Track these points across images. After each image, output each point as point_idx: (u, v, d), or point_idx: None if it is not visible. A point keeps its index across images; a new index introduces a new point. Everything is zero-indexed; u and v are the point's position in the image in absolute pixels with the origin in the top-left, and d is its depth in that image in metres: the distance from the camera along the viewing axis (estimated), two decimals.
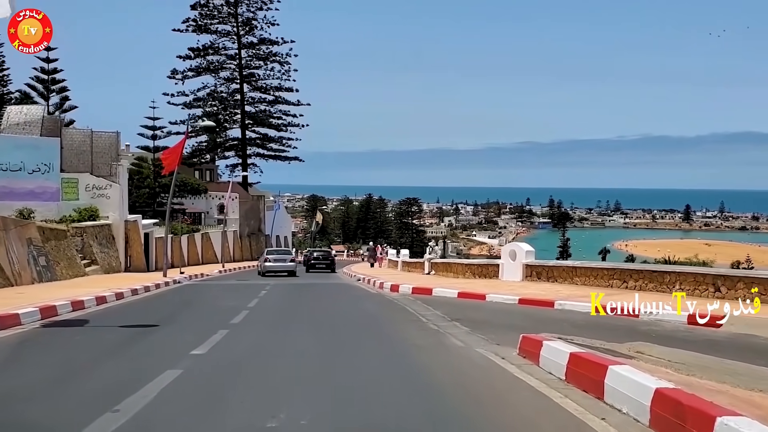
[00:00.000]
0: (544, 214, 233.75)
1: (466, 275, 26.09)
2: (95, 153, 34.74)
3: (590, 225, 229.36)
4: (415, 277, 29.91)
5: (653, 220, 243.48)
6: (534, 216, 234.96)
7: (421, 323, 14.02)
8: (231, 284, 28.41)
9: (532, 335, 9.71)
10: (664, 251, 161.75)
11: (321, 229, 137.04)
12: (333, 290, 24.18)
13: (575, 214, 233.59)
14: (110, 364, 8.80)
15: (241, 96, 68.95)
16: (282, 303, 18.78)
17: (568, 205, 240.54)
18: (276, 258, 36.56)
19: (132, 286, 22.30)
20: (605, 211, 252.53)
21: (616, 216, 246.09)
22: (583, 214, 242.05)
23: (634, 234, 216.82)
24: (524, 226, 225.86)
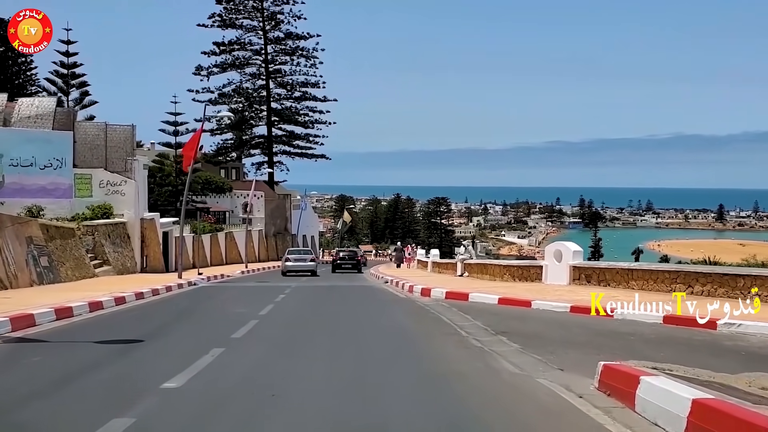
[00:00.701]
0: (574, 214, 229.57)
1: (504, 278, 23.54)
2: (110, 147, 32.74)
3: (622, 225, 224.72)
4: (447, 279, 27.43)
5: (686, 220, 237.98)
6: (564, 216, 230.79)
7: (460, 337, 11.59)
8: (249, 287, 26.16)
9: (618, 365, 7.20)
10: (698, 251, 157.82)
11: (349, 229, 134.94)
12: (358, 295, 21.76)
13: (606, 214, 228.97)
14: (36, 406, 6.36)
15: (267, 92, 66.84)
16: (299, 311, 16.38)
17: (598, 205, 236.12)
18: (296, 258, 35.70)
19: (140, 289, 20.18)
20: (637, 210, 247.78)
21: (648, 216, 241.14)
22: (615, 213, 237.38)
23: (667, 234, 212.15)
24: (554, 226, 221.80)
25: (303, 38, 65.86)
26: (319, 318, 14.61)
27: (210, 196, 57.69)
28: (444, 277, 29.35)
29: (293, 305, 17.64)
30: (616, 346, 11.03)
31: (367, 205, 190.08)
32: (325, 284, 27.67)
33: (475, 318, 14.09)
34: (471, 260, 29.28)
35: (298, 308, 16.92)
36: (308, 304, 18.40)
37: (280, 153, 68.50)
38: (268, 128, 67.17)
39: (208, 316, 15.30)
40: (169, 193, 49.49)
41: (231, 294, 22.20)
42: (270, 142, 67.12)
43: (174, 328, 12.67)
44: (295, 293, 21.73)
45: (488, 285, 21.32)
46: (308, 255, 37.23)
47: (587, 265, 20.12)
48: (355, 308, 16.78)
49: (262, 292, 22.76)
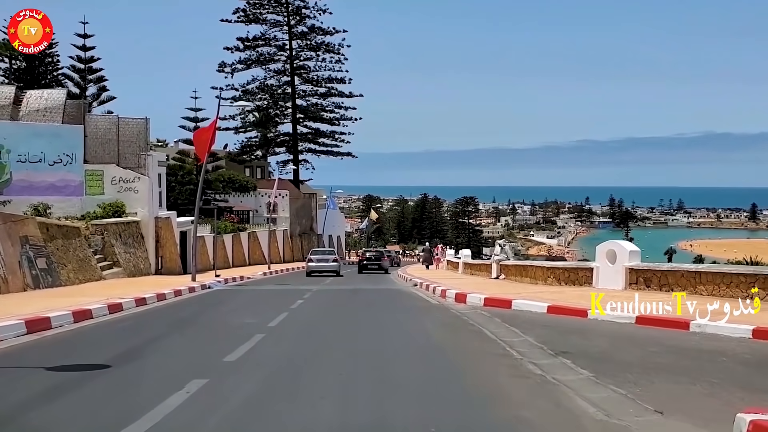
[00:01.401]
0: (604, 214, 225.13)
1: (547, 281, 20.92)
2: (122, 142, 30.68)
3: (652, 224, 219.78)
4: (482, 282, 24.88)
5: (718, 220, 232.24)
6: (594, 215, 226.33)
7: (512, 361, 9.14)
8: (266, 291, 23.88)
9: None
10: (731, 251, 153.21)
11: (376, 230, 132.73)
12: (384, 300, 19.29)
13: (636, 214, 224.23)
14: None
15: (291, 88, 64.54)
16: (314, 322, 13.91)
17: (628, 204, 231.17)
18: (319, 258, 35.03)
19: (144, 294, 18.02)
20: (668, 210, 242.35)
21: (679, 215, 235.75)
22: (645, 213, 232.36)
23: (699, 234, 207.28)
24: (583, 226, 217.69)
25: (328, 33, 63.56)
26: (336, 332, 12.15)
27: (233, 195, 55.68)
28: (478, 280, 26.80)
29: (309, 314, 15.25)
30: (712, 372, 8.56)
31: (394, 205, 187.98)
32: (348, 287, 25.30)
33: (525, 332, 11.61)
34: (508, 261, 26.68)
35: (314, 318, 14.51)
36: (327, 312, 15.98)
37: (306, 151, 66.19)
38: (293, 125, 64.89)
39: (208, 328, 12.93)
40: (190, 191, 47.43)
41: (244, 299, 19.89)
42: (295, 140, 64.83)
43: (158, 346, 10.30)
44: (315, 298, 19.37)
45: (531, 290, 18.75)
46: (330, 255, 36.08)
47: (646, 267, 17.47)
48: (379, 318, 14.24)
49: (279, 296, 20.44)
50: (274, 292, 22.98)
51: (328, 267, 34.22)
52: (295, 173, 65.38)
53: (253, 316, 14.41)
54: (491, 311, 15.09)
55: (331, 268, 34.15)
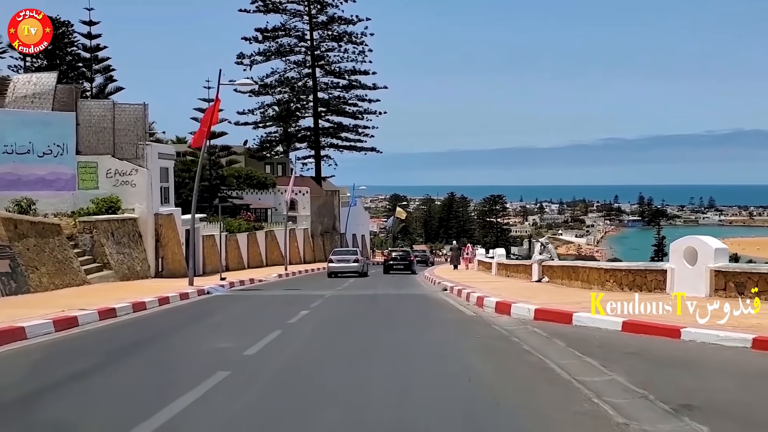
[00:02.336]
0: (633, 212, 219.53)
1: (605, 286, 17.06)
2: (118, 131, 27.38)
3: (683, 223, 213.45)
4: (523, 287, 21.09)
5: (750, 218, 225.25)
6: (623, 214, 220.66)
7: (612, 427, 5.48)
8: (271, 297, 20.33)
9: None
10: (765, 250, 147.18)
11: (402, 229, 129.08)
12: (407, 311, 15.58)
13: (667, 212, 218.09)
14: None
15: (313, 81, 60.99)
16: (312, 346, 10.19)
17: (658, 203, 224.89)
18: (339, 258, 33.36)
19: (121, 303, 14.65)
20: (698, 208, 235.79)
21: (710, 213, 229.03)
22: (675, 211, 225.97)
23: (731, 232, 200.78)
24: (612, 225, 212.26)
25: (350, 22, 59.80)
26: (338, 365, 8.44)
27: (251, 193, 52.43)
28: (517, 284, 23.01)
29: (309, 333, 11.58)
30: None
31: (421, 204, 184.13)
32: (367, 292, 21.66)
33: (606, 364, 7.93)
34: (551, 262, 22.86)
35: (313, 340, 10.84)
36: (333, 329, 12.30)
37: (328, 146, 62.58)
38: (314, 120, 61.35)
39: (159, 360, 9.25)
40: (204, 188, 44.19)
41: (238, 309, 16.33)
42: (316, 135, 61.28)
43: (59, 395, 6.73)
44: (323, 308, 15.77)
45: (586, 297, 14.93)
46: (352, 255, 34.24)
47: (739, 269, 13.64)
48: (400, 342, 10.42)
49: (282, 305, 16.90)
50: (279, 298, 19.42)
51: (350, 268, 32.40)
52: (317, 169, 61.89)
53: (233, 336, 10.86)
54: (546, 328, 11.38)
55: (352, 268, 32.34)
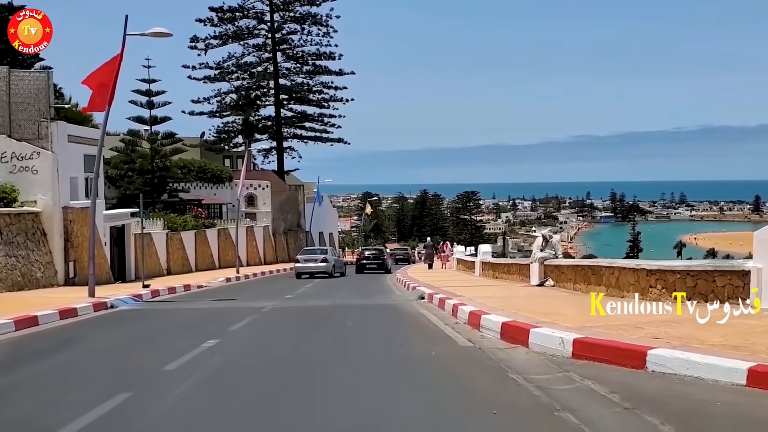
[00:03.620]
0: (605, 208, 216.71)
1: (650, 293, 11.84)
2: (15, 105, 21.85)
3: (655, 218, 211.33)
4: (525, 294, 15.99)
5: (721, 212, 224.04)
6: (595, 210, 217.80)
7: None
8: (189, 312, 15.00)
9: None
10: (737, 244, 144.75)
11: (375, 227, 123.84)
12: (369, 338, 10.30)
13: (639, 207, 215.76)
14: None
15: (274, 66, 55.31)
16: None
17: (630, 199, 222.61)
18: (307, 258, 31.03)
19: None
20: (670, 203, 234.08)
21: (681, 208, 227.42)
22: (647, 207, 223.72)
23: (702, 227, 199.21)
24: (585, 221, 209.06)
25: (314, 3, 54.15)
26: None
27: (204, 187, 46.88)
28: (513, 290, 17.87)
29: (167, 407, 6.24)
30: None
31: (393, 202, 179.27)
32: (324, 303, 16.44)
33: None
34: (558, 261, 17.76)
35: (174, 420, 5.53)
36: (223, 394, 6.80)
37: (291, 137, 56.99)
38: (276, 108, 55.70)
39: None
40: (145, 181, 38.58)
41: (108, 340, 10.92)
42: (278, 124, 55.66)
43: None
44: (243, 334, 10.53)
45: (644, 313, 9.73)
46: (320, 254, 31.68)
47: None
48: (352, 407, 5.23)
49: (188, 328, 11.61)
50: (194, 316, 14.11)
51: (318, 268, 30.23)
52: (279, 162, 56.32)
53: (54, 402, 5.58)
54: (605, 378, 6.26)
55: (320, 269, 30.18)
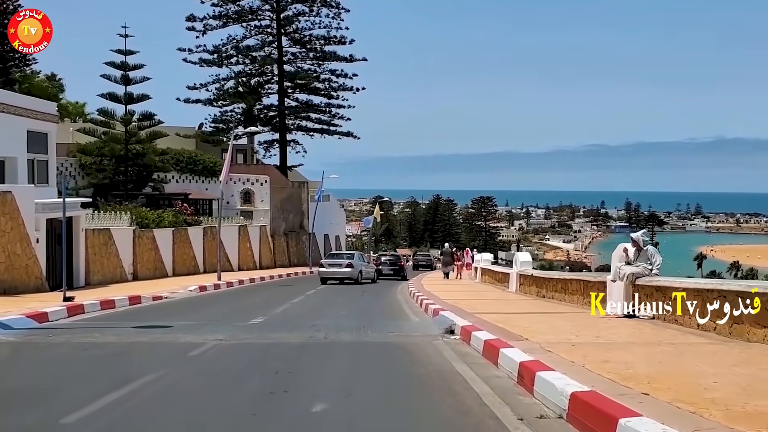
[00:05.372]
0: (620, 218, 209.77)
1: None
2: None
3: (670, 229, 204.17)
4: (624, 334, 9.81)
5: (737, 224, 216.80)
6: (610, 219, 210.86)
7: None
8: (79, 352, 8.88)
9: None
10: (755, 257, 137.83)
11: (386, 231, 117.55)
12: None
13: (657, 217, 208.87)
14: None
15: (279, 51, 49.12)
16: None
17: (645, 209, 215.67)
18: (331, 263, 29.24)
19: None
20: (685, 214, 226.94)
21: (697, 220, 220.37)
22: (662, 217, 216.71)
23: (718, 239, 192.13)
24: (600, 230, 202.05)
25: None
26: None
27: (194, 180, 40.90)
28: (591, 323, 11.60)
29: None
30: None
31: (405, 207, 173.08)
32: (294, 338, 10.30)
33: None
34: (656, 278, 11.46)
35: None
36: None
37: (295, 129, 50.91)
38: (279, 96, 49.50)
39: None
40: (117, 170, 32.47)
41: None
42: (282, 115, 49.49)
43: None
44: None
45: None
46: (345, 260, 29.44)
47: None
48: None
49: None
50: (64, 369, 7.98)
51: (342, 273, 28.24)
52: (282, 156, 50.10)
53: None
54: None
55: (345, 275, 28.18)
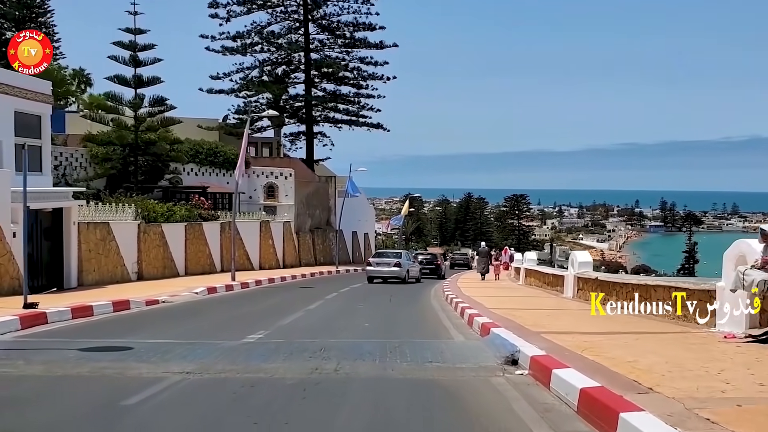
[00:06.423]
0: (655, 217, 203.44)
1: None
2: None
3: (706, 229, 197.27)
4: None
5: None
6: (644, 219, 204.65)
7: None
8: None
9: None
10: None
11: (416, 230, 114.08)
12: None
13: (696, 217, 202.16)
14: None
15: (305, 38, 46.08)
16: None
17: (680, 208, 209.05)
18: (379, 262, 29.13)
19: None
20: (721, 214, 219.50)
21: (734, 219, 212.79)
22: (698, 217, 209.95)
23: (756, 238, 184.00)
24: (634, 230, 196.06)
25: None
26: None
27: (213, 173, 38.00)
28: (699, 348, 8.27)
29: None
30: None
31: (436, 205, 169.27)
32: (289, 371, 7.03)
33: None
34: None
35: None
36: None
37: (322, 120, 47.87)
38: (306, 86, 46.44)
39: None
40: (126, 159, 29.55)
41: None
42: (309, 105, 46.41)
43: None
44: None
45: None
46: (393, 258, 29.14)
47: None
48: None
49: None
50: None
51: (390, 273, 27.95)
52: (308, 149, 47.03)
53: None
54: None
55: (393, 274, 27.87)
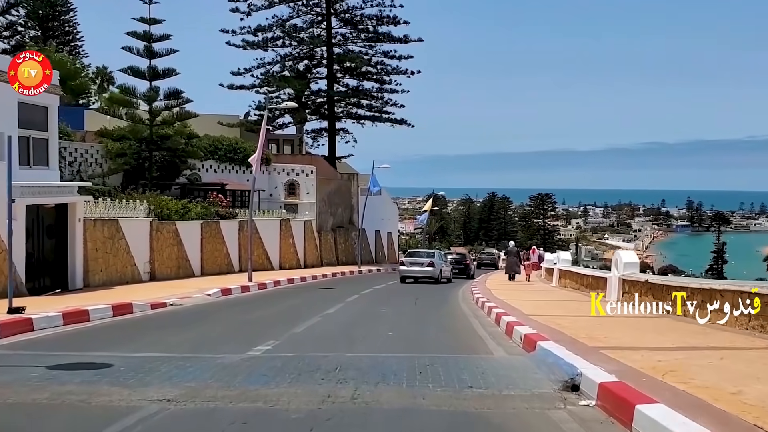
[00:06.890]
0: (681, 217, 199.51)
1: None
2: None
3: (733, 229, 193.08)
4: None
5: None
6: (671, 219, 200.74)
7: None
8: None
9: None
10: None
11: (440, 230, 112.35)
12: None
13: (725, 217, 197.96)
14: None
15: (328, 32, 44.62)
16: None
17: (707, 208, 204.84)
18: (412, 261, 28.35)
19: None
20: (749, 214, 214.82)
21: (762, 219, 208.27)
22: (726, 217, 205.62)
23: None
24: (660, 230, 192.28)
25: None
26: None
27: (235, 171, 36.58)
28: None
29: None
30: None
31: (459, 205, 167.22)
32: (296, 398, 5.35)
33: None
34: None
35: None
36: None
37: (345, 116, 46.31)
38: (328, 81, 44.94)
39: None
40: (140, 154, 28.17)
41: None
42: (331, 101, 44.93)
43: None
44: None
45: None
46: (426, 258, 28.69)
47: None
48: None
49: None
50: None
51: (423, 272, 27.53)
52: (331, 146, 45.48)
53: None
54: None
55: (426, 273, 27.48)
